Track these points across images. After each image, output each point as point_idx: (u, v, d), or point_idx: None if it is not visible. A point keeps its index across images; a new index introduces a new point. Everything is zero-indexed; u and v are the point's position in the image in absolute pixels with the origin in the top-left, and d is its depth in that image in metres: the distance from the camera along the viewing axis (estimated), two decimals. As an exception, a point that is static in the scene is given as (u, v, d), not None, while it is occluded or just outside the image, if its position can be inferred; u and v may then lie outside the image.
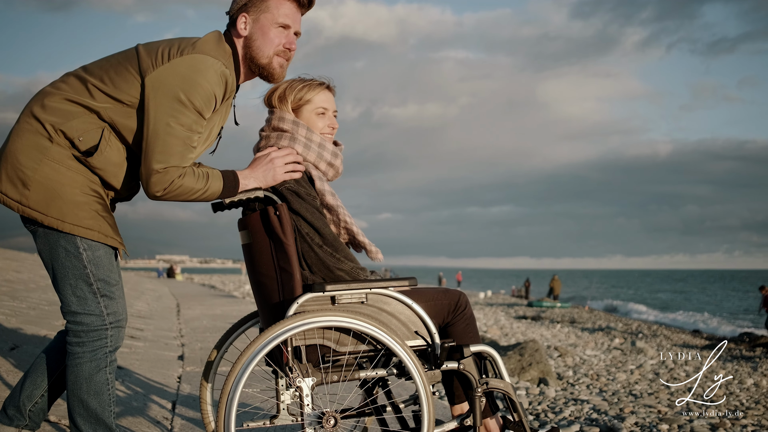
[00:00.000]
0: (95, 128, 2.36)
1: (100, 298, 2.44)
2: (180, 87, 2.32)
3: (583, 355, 11.24)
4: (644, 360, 11.39)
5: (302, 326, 2.38)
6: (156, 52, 2.37)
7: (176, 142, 2.33)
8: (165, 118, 2.32)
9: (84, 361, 2.45)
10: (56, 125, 2.34)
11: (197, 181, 2.39)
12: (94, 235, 2.39)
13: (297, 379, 2.44)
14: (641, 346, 14.13)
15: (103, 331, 2.45)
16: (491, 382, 2.60)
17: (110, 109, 2.37)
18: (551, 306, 33.12)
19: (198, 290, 21.88)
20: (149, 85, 2.33)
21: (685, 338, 21.29)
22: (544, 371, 7.15)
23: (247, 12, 2.49)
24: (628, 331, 21.83)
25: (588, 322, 25.44)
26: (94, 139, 2.36)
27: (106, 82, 2.37)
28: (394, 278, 2.56)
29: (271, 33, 2.51)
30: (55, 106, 2.35)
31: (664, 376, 8.96)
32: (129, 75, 2.36)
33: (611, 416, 5.57)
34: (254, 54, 2.52)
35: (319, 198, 2.61)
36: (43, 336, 5.64)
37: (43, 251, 2.44)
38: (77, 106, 2.36)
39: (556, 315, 28.58)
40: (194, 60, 2.35)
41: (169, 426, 3.61)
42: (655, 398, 6.82)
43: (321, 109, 2.71)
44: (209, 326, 8.77)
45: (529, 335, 16.73)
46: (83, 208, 2.37)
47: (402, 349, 2.43)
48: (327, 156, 2.68)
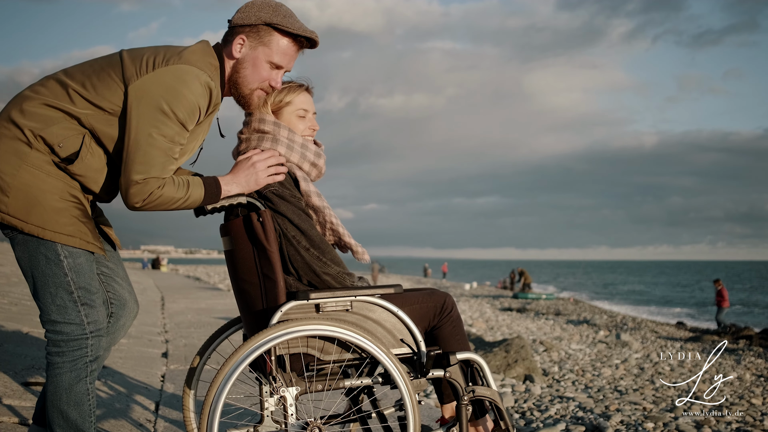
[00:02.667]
0: (76, 134, 2.30)
1: (81, 306, 2.38)
2: (164, 97, 2.26)
3: (569, 349, 11.29)
4: (629, 354, 11.45)
5: (285, 335, 2.34)
6: (141, 59, 2.30)
7: (157, 153, 2.27)
8: (147, 128, 2.26)
9: (64, 371, 2.39)
10: (35, 130, 2.27)
11: (177, 190, 2.33)
12: (75, 242, 2.34)
13: (281, 389, 2.40)
14: (626, 339, 14.21)
15: (84, 341, 2.40)
16: (478, 389, 2.57)
17: (91, 116, 2.31)
18: (536, 297, 33.26)
19: (183, 282, 21.76)
20: (132, 93, 2.27)
21: (669, 330, 21.45)
22: (529, 368, 7.15)
23: (246, 36, 2.43)
24: (612, 323, 21.96)
25: (573, 314, 25.57)
26: (74, 146, 2.30)
27: (88, 88, 2.30)
28: (379, 285, 2.52)
29: (262, 68, 2.46)
30: (34, 111, 2.28)
31: (649, 371, 9.00)
32: (112, 82, 2.30)
33: (597, 414, 5.57)
34: (239, 81, 2.47)
35: (304, 199, 2.57)
36: (26, 333, 5.56)
37: (22, 259, 2.38)
38: (57, 111, 2.29)
39: (541, 307, 28.70)
40: (179, 70, 2.28)
41: (152, 429, 3.56)
42: (641, 394, 6.84)
43: (301, 111, 2.67)
44: (194, 321, 8.70)
45: (515, 328, 16.79)
46: (63, 215, 2.31)
47: (387, 358, 2.39)
48: (310, 156, 2.63)
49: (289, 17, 2.44)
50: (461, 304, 26.44)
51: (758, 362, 12.60)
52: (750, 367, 11.67)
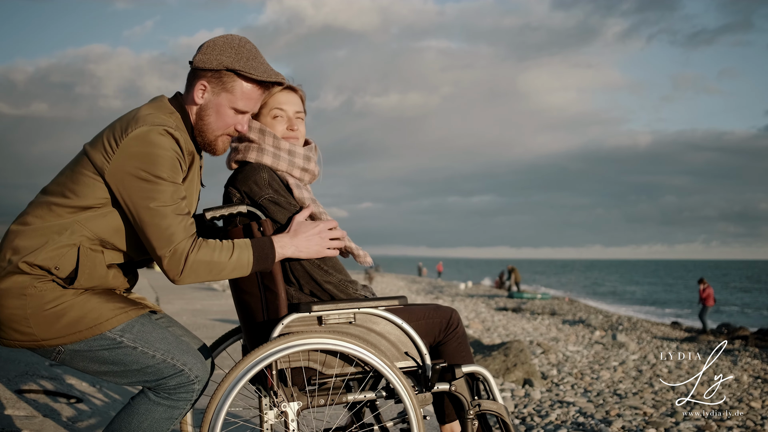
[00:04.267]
0: (68, 250, 2.18)
1: (173, 360, 2.26)
2: (140, 167, 2.15)
3: (566, 351, 11.24)
4: (626, 355, 11.41)
5: (287, 349, 2.27)
6: (102, 144, 2.19)
7: (167, 221, 2.17)
8: (143, 203, 2.16)
9: (161, 407, 2.27)
10: (30, 261, 2.16)
11: (217, 253, 2.22)
12: (118, 320, 2.22)
13: (282, 404, 2.33)
14: (622, 340, 14.17)
15: (191, 386, 2.29)
16: (484, 403, 2.51)
17: (82, 220, 2.20)
18: (531, 297, 33.24)
19: (178, 282, 21.57)
20: (111, 180, 2.17)
21: (665, 330, 21.43)
22: (528, 372, 7.09)
23: (208, 82, 2.31)
24: (608, 323, 21.94)
25: (568, 313, 25.54)
26: (71, 263, 2.18)
27: (69, 196, 2.20)
28: (383, 297, 2.45)
29: (226, 114, 2.35)
30: (24, 244, 2.18)
31: (647, 373, 8.96)
32: (88, 179, 2.19)
33: (597, 420, 5.52)
34: (203, 128, 2.36)
35: (299, 206, 2.50)
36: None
37: (87, 368, 2.26)
38: (46, 233, 2.19)
39: (536, 306, 28.67)
40: (141, 134, 2.16)
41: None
42: (640, 398, 6.79)
43: (276, 111, 2.55)
44: (189, 323, 8.61)
45: (511, 329, 16.75)
46: (94, 307, 2.20)
47: (391, 371, 2.33)
48: (299, 162, 2.54)
49: (252, 59, 2.31)
50: (456, 304, 26.40)
51: (755, 363, 12.58)
52: (747, 368, 11.64)
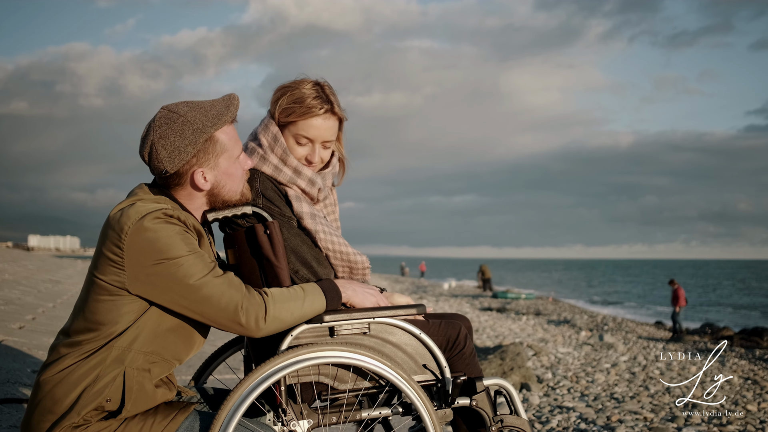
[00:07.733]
0: (111, 378, 1.99)
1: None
2: (157, 258, 1.96)
3: (557, 353, 11.12)
4: (616, 357, 11.32)
5: (297, 364, 2.07)
6: (107, 260, 2.00)
7: (213, 289, 1.99)
8: (181, 289, 1.98)
9: None
10: (80, 409, 1.96)
11: (291, 300, 2.08)
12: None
13: (291, 422, 2.14)
14: (610, 340, 14.08)
15: None
16: (506, 419, 2.33)
17: (114, 345, 2.01)
18: (516, 297, 33.21)
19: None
20: (137, 288, 1.99)
21: (649, 330, 21.44)
22: (525, 376, 6.94)
23: (200, 165, 2.12)
24: (593, 323, 21.90)
25: (553, 314, 25.49)
26: (117, 391, 1.99)
27: (94, 327, 2.01)
28: (399, 306, 2.27)
29: (236, 171, 2.19)
30: (62, 392, 1.97)
31: (640, 375, 8.85)
32: (107, 302, 2.01)
33: (600, 426, 5.37)
34: (226, 198, 2.20)
35: (296, 220, 2.32)
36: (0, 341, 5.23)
37: None
38: (83, 376, 1.98)
39: (521, 306, 28.60)
40: (139, 228, 1.96)
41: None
42: (638, 402, 6.66)
43: (302, 139, 2.37)
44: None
45: (499, 330, 16.63)
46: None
47: (409, 386, 2.14)
48: (302, 183, 2.36)
49: (209, 110, 2.11)
50: (441, 304, 26.26)
51: (742, 363, 12.54)
52: (735, 369, 11.59)
